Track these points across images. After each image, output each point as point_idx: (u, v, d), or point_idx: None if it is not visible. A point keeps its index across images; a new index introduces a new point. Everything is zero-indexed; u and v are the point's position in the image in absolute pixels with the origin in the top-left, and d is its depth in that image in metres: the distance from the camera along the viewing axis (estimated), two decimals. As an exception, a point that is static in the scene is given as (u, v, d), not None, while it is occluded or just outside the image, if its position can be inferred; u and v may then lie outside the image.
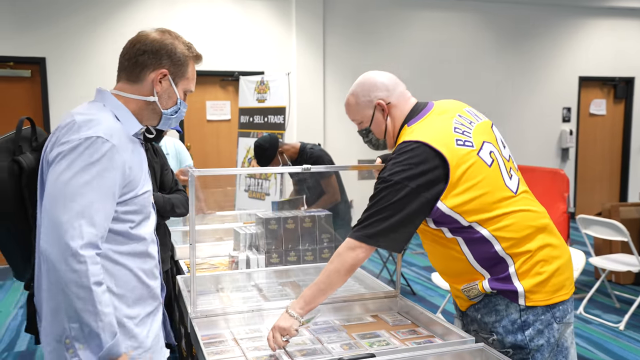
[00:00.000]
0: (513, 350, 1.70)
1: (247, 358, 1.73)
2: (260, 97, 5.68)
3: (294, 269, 2.62)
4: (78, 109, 1.44)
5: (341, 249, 1.75)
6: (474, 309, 1.79)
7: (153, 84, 1.48)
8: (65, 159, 1.30)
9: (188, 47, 1.54)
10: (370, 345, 1.83)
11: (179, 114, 1.58)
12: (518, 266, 1.69)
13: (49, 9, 6.07)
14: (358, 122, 1.95)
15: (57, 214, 1.27)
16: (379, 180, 1.73)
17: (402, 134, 1.84)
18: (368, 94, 1.90)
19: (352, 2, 7.20)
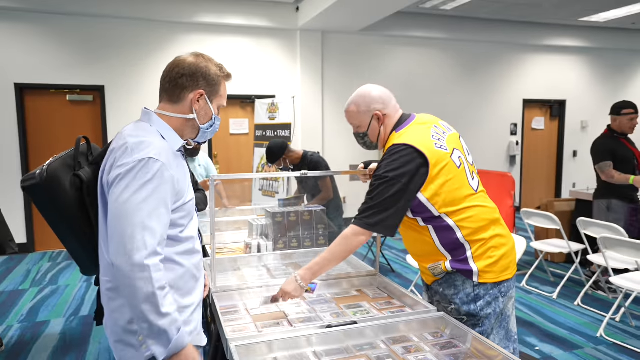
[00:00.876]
0: (467, 317, 1.70)
1: (255, 325, 1.71)
2: (271, 115, 5.65)
3: (296, 253, 2.60)
4: (128, 131, 1.32)
5: (348, 233, 1.69)
6: (437, 283, 1.78)
7: (192, 103, 1.38)
8: (124, 181, 1.21)
9: (220, 68, 1.43)
10: (354, 314, 1.80)
11: (214, 127, 1.46)
12: (474, 251, 1.69)
13: (108, 46, 6.06)
14: (356, 126, 1.86)
15: (122, 229, 1.18)
16: (376, 177, 1.68)
17: (391, 138, 1.79)
18: (368, 105, 1.81)
19: (344, 40, 7.17)
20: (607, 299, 4.07)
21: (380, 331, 1.62)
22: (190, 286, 1.39)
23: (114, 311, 1.31)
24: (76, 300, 4.23)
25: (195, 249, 1.43)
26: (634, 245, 3.14)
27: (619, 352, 3.12)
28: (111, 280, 1.31)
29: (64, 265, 5.33)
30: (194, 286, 1.41)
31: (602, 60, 8.83)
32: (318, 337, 1.55)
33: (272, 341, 1.50)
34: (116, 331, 1.32)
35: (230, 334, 1.54)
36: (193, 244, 1.42)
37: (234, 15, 6.40)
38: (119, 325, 1.31)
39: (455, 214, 1.68)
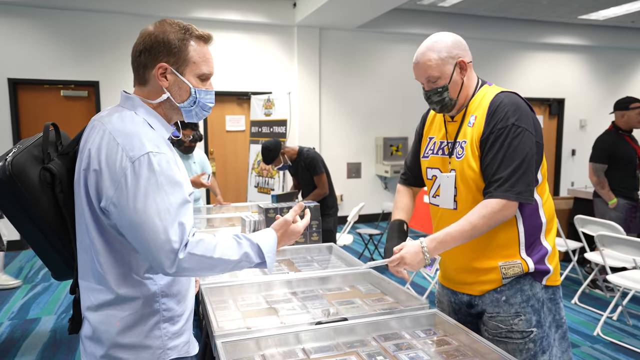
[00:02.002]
0: (537, 330, 1.46)
1: (244, 320, 1.67)
2: (267, 111, 5.61)
3: (289, 249, 2.57)
4: (113, 123, 1.12)
5: (495, 207, 1.37)
6: (495, 291, 1.50)
7: (158, 81, 1.16)
8: (129, 187, 1.05)
9: (184, 30, 1.17)
10: (345, 310, 1.77)
11: (200, 103, 1.21)
12: (552, 244, 1.49)
13: (101, 42, 6.01)
14: (435, 79, 1.50)
15: (151, 238, 1.05)
16: (505, 128, 1.39)
17: (483, 90, 1.53)
18: (449, 50, 1.48)
19: (342, 36, 7.14)
20: (605, 297, 4.04)
21: (371, 328, 1.58)
22: (185, 289, 1.27)
23: (102, 323, 1.16)
24: (68, 298, 4.19)
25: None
26: (632, 243, 3.11)
27: (616, 350, 3.10)
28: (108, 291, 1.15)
29: (57, 262, 5.28)
30: (189, 288, 1.29)
31: (601, 59, 8.80)
32: (307, 333, 1.52)
33: (260, 338, 1.47)
34: (103, 345, 1.17)
35: (217, 330, 1.50)
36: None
37: (231, 10, 6.36)
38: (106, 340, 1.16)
39: (543, 187, 1.48)
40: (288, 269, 2.28)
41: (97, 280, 1.15)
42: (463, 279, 1.59)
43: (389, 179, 7.61)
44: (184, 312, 1.25)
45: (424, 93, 1.57)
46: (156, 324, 1.18)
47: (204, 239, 1.11)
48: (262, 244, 1.20)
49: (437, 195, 1.62)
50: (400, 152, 7.42)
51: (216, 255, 1.11)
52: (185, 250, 1.07)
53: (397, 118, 7.57)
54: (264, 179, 5.50)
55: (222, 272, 1.15)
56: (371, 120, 7.45)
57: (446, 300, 1.71)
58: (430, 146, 1.67)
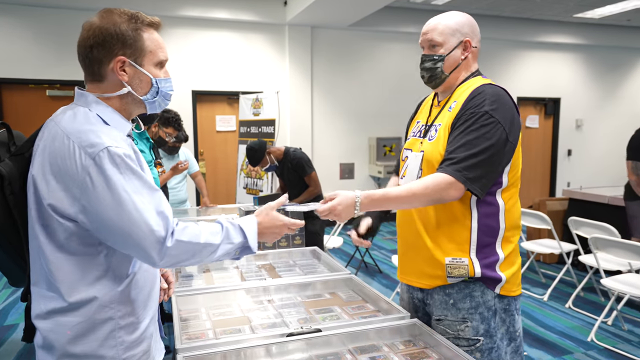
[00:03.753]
0: (484, 339, 1.43)
1: (214, 331, 1.58)
2: (255, 111, 5.52)
3: (270, 253, 2.48)
4: (65, 122, 1.07)
5: (441, 182, 1.33)
6: (444, 292, 1.47)
7: (117, 76, 1.10)
8: (96, 186, 1.00)
9: (134, 18, 1.12)
10: (322, 319, 1.68)
11: (162, 92, 1.17)
12: (505, 252, 1.43)
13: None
14: (436, 44, 1.48)
15: (133, 232, 1.02)
16: (478, 114, 1.35)
17: (475, 80, 1.49)
18: (462, 26, 1.47)
19: (334, 35, 7.05)
20: (599, 301, 3.97)
21: (347, 339, 1.50)
22: (145, 294, 1.19)
23: (52, 331, 1.09)
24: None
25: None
26: (626, 246, 3.04)
27: (610, 357, 3.02)
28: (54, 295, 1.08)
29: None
30: (150, 293, 1.21)
31: (596, 58, 8.75)
32: (278, 346, 1.43)
33: (226, 351, 1.38)
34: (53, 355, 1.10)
35: (180, 344, 1.41)
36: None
37: (221, 9, 6.27)
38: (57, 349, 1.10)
39: (510, 193, 1.44)
40: (268, 275, 2.19)
41: (48, 286, 1.09)
42: (414, 267, 1.56)
43: (383, 179, 7.52)
44: (142, 320, 1.18)
45: (421, 57, 1.54)
46: (110, 332, 1.11)
47: (189, 225, 1.11)
48: (243, 224, 1.20)
49: (404, 176, 1.59)
50: (393, 153, 7.34)
51: (202, 240, 1.10)
52: (172, 238, 1.06)
53: (391, 118, 7.48)
54: (253, 180, 5.41)
55: (207, 258, 1.13)
56: (364, 120, 7.37)
57: (406, 297, 1.69)
58: (413, 129, 1.66)
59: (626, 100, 9.07)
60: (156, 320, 1.27)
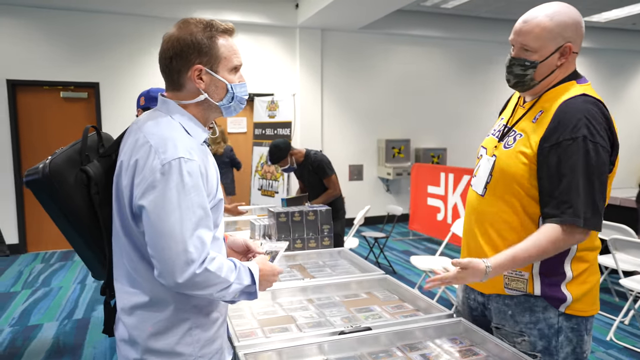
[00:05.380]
0: (542, 355, 1.37)
1: (262, 330, 1.62)
2: (271, 113, 5.56)
3: (300, 254, 2.52)
4: (148, 127, 1.12)
5: (566, 234, 1.23)
6: (503, 302, 1.43)
7: (195, 84, 1.15)
8: (156, 189, 1.04)
9: (209, 27, 1.14)
10: (365, 318, 1.72)
11: (237, 98, 1.20)
12: (575, 272, 1.33)
13: (102, 43, 5.94)
14: (531, 49, 1.32)
15: (168, 246, 1.03)
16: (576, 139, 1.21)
17: (568, 86, 1.33)
18: (565, 28, 1.29)
19: (344, 38, 7.10)
20: (614, 301, 4.00)
21: (395, 337, 1.53)
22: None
23: (135, 327, 1.15)
24: (70, 303, 4.12)
25: (223, 254, 1.26)
26: (645, 247, 3.07)
27: (630, 356, 3.06)
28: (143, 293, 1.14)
29: (57, 267, 5.21)
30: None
31: (602, 61, 8.80)
32: (330, 344, 1.46)
33: (282, 349, 1.41)
34: (137, 349, 1.16)
35: (237, 341, 1.45)
36: (222, 248, 1.24)
37: (232, 11, 6.31)
38: (140, 344, 1.15)
39: None
40: (301, 275, 2.23)
41: (131, 283, 1.15)
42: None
43: (391, 181, 7.56)
44: (218, 318, 1.23)
45: (508, 59, 1.39)
46: (188, 330, 1.16)
47: (218, 257, 1.11)
48: (251, 267, 1.19)
49: (475, 176, 1.54)
50: (402, 155, 7.38)
51: (223, 275, 1.09)
52: (202, 265, 1.06)
53: (400, 120, 7.52)
54: (268, 181, 5.44)
55: (217, 294, 1.11)
56: (373, 122, 7.41)
57: (462, 297, 1.66)
58: (495, 126, 1.57)
59: (631, 103, 9.12)
60: (226, 320, 1.31)
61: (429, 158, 7.56)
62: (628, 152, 8.44)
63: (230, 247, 1.42)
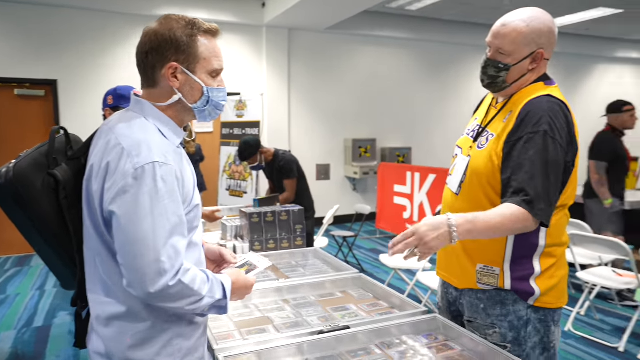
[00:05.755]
0: (512, 346, 1.42)
1: (240, 331, 1.60)
2: (239, 113, 5.51)
3: (273, 254, 2.50)
4: (120, 128, 1.06)
5: (520, 217, 1.24)
6: (475, 296, 1.48)
7: (169, 82, 1.09)
8: (128, 194, 0.99)
9: (191, 25, 1.09)
10: (342, 317, 1.73)
11: (212, 102, 1.14)
12: (543, 267, 1.37)
13: (61, 39, 5.71)
14: (505, 52, 1.36)
15: (140, 255, 0.98)
16: (537, 133, 1.26)
17: (536, 87, 1.39)
18: (539, 35, 1.34)
19: (311, 38, 7.11)
20: (572, 294, 4.19)
21: (373, 335, 1.55)
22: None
23: (112, 339, 1.09)
24: (28, 310, 3.93)
25: (201, 260, 1.21)
26: (599, 241, 3.24)
27: (587, 345, 3.22)
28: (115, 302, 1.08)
29: (12, 273, 4.97)
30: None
31: (558, 64, 9.19)
32: (310, 344, 1.46)
33: (261, 350, 1.40)
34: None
35: (216, 344, 1.43)
36: (199, 253, 1.19)
37: (198, 8, 6.20)
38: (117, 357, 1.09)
39: (557, 211, 1.36)
40: (276, 276, 2.22)
41: (106, 292, 1.09)
42: (448, 266, 1.58)
43: (358, 180, 7.64)
44: (200, 326, 1.19)
45: (484, 60, 1.44)
46: (169, 340, 1.11)
47: (192, 268, 1.06)
48: (224, 280, 1.14)
49: (451, 174, 1.58)
50: (369, 154, 7.46)
51: (196, 287, 1.04)
52: (176, 277, 1.00)
53: (366, 120, 7.61)
54: (236, 181, 5.38)
55: (188, 307, 1.05)
56: (340, 122, 7.46)
57: (441, 291, 1.71)
58: (470, 126, 1.61)
59: (584, 105, 9.58)
60: (207, 329, 1.27)
61: (395, 157, 7.69)
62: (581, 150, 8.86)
63: (205, 254, 1.35)
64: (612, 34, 9.05)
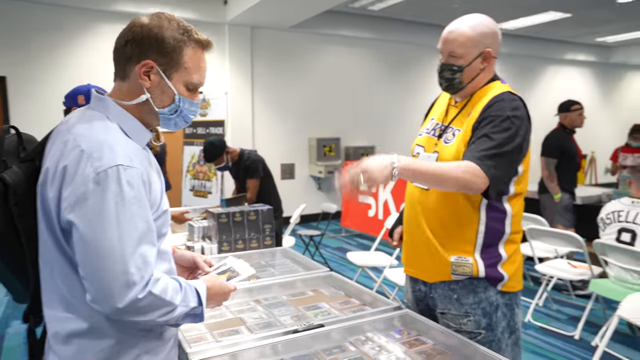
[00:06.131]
0: (486, 332, 1.49)
1: (212, 334, 1.57)
2: (202, 112, 5.40)
3: (242, 255, 2.47)
4: (79, 128, 0.98)
5: (469, 170, 1.32)
6: (448, 287, 1.53)
7: (139, 79, 1.02)
8: (89, 202, 0.91)
9: (184, 30, 1.03)
10: (315, 315, 1.73)
11: (182, 114, 1.08)
12: (509, 253, 1.48)
13: (10, 32, 5.41)
14: (457, 55, 1.47)
15: (103, 267, 0.91)
16: (504, 117, 1.38)
17: (494, 85, 1.52)
18: (485, 36, 1.46)
19: (274, 36, 7.07)
20: (530, 286, 4.37)
21: (346, 333, 1.56)
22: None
23: (72, 358, 1.00)
24: (-22, 320, 3.71)
25: (172, 268, 1.13)
26: (555, 235, 3.39)
27: (545, 334, 3.36)
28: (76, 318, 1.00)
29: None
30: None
31: (511, 64, 9.56)
32: (284, 344, 1.46)
33: (236, 352, 1.38)
34: None
35: (189, 348, 1.39)
36: (169, 262, 1.12)
37: (157, 4, 6.03)
38: None
39: (516, 200, 1.48)
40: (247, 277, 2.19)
41: (66, 307, 1.00)
42: (418, 261, 1.61)
43: (323, 179, 7.66)
44: (170, 339, 1.12)
45: (439, 65, 1.53)
46: (136, 357, 1.03)
47: (162, 277, 0.99)
48: (198, 286, 1.07)
49: None
50: (333, 153, 7.50)
51: (167, 297, 0.97)
52: (146, 288, 0.93)
53: (330, 119, 7.64)
54: (201, 182, 5.28)
55: (160, 318, 0.98)
56: (304, 121, 7.46)
57: (409, 289, 1.74)
58: (427, 125, 1.68)
59: (534, 104, 10.00)
60: (177, 341, 1.22)
61: (359, 156, 7.76)
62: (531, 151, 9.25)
63: (177, 262, 1.29)
64: (562, 37, 9.50)
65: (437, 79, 1.57)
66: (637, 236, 2.91)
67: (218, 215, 2.48)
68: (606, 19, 8.01)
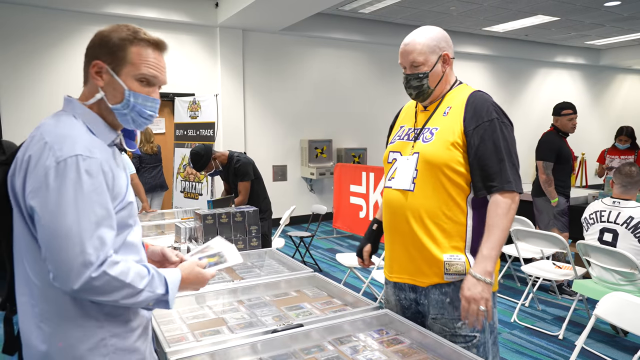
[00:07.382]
0: (479, 334, 1.50)
1: (193, 334, 1.59)
2: (192, 114, 5.41)
3: (228, 256, 2.49)
4: (46, 127, 1.05)
5: (510, 202, 1.45)
6: (440, 291, 1.53)
7: (92, 79, 1.11)
8: (50, 188, 0.97)
9: (131, 32, 1.11)
10: (296, 315, 1.75)
11: (134, 107, 1.12)
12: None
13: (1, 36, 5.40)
14: (418, 64, 1.57)
15: (62, 249, 0.97)
16: (492, 121, 1.48)
17: (461, 88, 1.63)
18: (438, 41, 1.56)
19: (265, 39, 7.09)
20: (517, 286, 4.41)
21: (326, 332, 1.58)
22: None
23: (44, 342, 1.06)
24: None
25: (142, 260, 1.19)
26: (541, 236, 3.43)
27: (531, 334, 3.40)
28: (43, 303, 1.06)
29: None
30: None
31: (500, 67, 9.64)
32: (263, 343, 1.48)
33: (215, 351, 1.40)
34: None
35: (168, 347, 1.41)
36: (139, 254, 1.18)
37: (148, 7, 6.03)
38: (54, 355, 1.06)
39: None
40: (230, 277, 2.21)
41: (33, 292, 1.06)
42: (408, 265, 1.60)
43: (315, 181, 7.69)
44: (136, 328, 1.15)
45: (404, 77, 1.63)
46: (101, 340, 1.08)
47: (123, 261, 1.04)
48: (168, 276, 1.13)
49: (393, 178, 1.64)
50: (325, 155, 7.53)
51: (128, 280, 1.02)
52: (100, 268, 0.98)
53: (321, 121, 7.67)
54: (191, 183, 5.29)
55: (123, 301, 1.03)
56: (296, 123, 7.48)
57: (394, 299, 1.72)
58: (399, 133, 1.73)
59: (525, 106, 10.10)
60: (150, 330, 1.24)
61: (350, 158, 7.80)
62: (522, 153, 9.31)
63: (149, 257, 1.34)
64: (552, 40, 9.59)
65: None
66: (618, 236, 2.95)
67: (204, 216, 2.50)
68: (594, 23, 8.10)
